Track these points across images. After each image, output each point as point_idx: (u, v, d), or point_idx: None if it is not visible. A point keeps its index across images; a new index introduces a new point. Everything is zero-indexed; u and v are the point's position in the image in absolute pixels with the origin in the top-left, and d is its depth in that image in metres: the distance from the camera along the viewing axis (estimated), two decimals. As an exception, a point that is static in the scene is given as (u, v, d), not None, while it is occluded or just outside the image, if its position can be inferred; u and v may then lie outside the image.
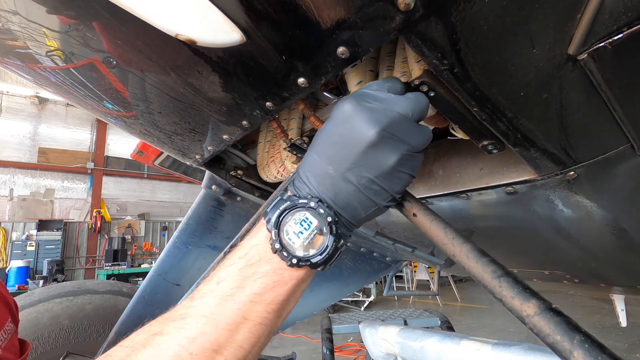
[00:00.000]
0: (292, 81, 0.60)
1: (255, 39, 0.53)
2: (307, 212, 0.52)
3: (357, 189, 0.51)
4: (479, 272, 0.42)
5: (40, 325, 1.79)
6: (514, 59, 0.48)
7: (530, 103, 0.54)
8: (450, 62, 0.48)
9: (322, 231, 0.52)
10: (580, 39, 0.45)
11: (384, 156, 0.50)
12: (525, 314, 0.37)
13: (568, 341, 0.33)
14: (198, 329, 0.49)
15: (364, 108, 0.50)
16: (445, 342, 1.32)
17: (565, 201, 0.80)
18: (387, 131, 0.49)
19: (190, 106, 0.83)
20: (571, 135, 0.61)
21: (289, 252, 0.51)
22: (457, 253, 0.45)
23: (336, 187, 0.52)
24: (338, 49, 0.50)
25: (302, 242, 0.51)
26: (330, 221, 0.51)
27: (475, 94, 0.52)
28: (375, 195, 0.52)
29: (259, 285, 0.51)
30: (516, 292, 0.38)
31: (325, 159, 0.52)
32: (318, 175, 0.53)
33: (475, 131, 0.63)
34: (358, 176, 0.51)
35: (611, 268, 1.25)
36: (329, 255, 0.52)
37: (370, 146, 0.49)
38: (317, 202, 0.52)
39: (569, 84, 0.52)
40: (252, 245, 0.54)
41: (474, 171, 0.87)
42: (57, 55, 0.75)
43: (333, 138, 0.52)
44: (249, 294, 0.51)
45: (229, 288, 0.51)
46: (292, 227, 0.52)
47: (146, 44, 0.63)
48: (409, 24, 0.43)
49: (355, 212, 0.53)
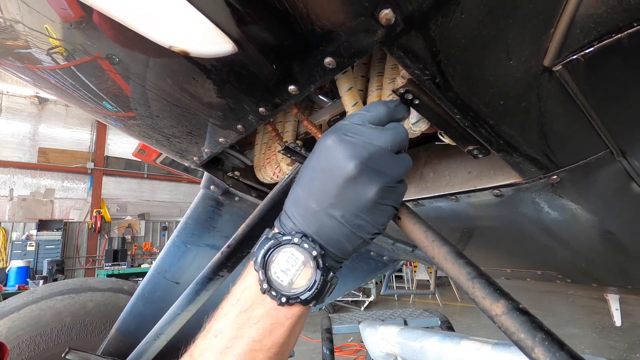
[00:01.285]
0: (283, 88, 0.63)
1: (247, 49, 0.55)
2: (292, 248, 0.52)
3: (341, 223, 0.51)
4: (455, 273, 0.44)
5: (43, 322, 1.82)
6: (492, 70, 0.50)
7: (510, 111, 0.57)
8: (432, 73, 0.50)
9: (310, 266, 0.51)
10: (555, 52, 0.47)
11: (365, 190, 0.50)
12: (494, 313, 0.39)
13: (530, 339, 0.35)
14: None
15: (343, 142, 0.51)
16: (445, 342, 1.33)
17: (550, 204, 0.82)
18: (366, 164, 0.50)
19: (187, 110, 0.85)
20: (552, 141, 0.63)
21: (278, 290, 0.51)
22: (436, 255, 0.47)
23: (320, 222, 0.52)
24: (325, 59, 0.53)
25: (290, 279, 0.51)
26: (315, 255, 0.51)
27: (457, 103, 0.54)
28: (359, 230, 0.52)
29: (256, 331, 0.51)
30: (487, 293, 0.40)
31: (309, 193, 0.52)
32: (302, 210, 0.53)
33: (460, 137, 0.66)
34: (341, 211, 0.51)
35: (601, 268, 1.27)
36: (317, 290, 0.51)
37: (350, 180, 0.50)
38: (301, 237, 0.51)
39: (546, 94, 0.54)
40: (243, 289, 0.54)
41: (463, 174, 0.89)
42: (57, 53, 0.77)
43: (315, 173, 0.53)
44: (248, 342, 0.50)
45: (227, 339, 0.50)
46: (278, 264, 0.52)
47: (143, 52, 0.65)
48: (390, 37, 0.46)
49: (342, 246, 0.53)
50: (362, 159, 0.50)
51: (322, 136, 0.54)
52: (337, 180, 0.50)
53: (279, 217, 0.57)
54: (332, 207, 0.51)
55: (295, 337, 0.55)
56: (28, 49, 0.76)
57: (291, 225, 0.54)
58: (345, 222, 0.51)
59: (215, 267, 1.20)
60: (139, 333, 1.45)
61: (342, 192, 0.50)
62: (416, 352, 1.45)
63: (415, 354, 1.45)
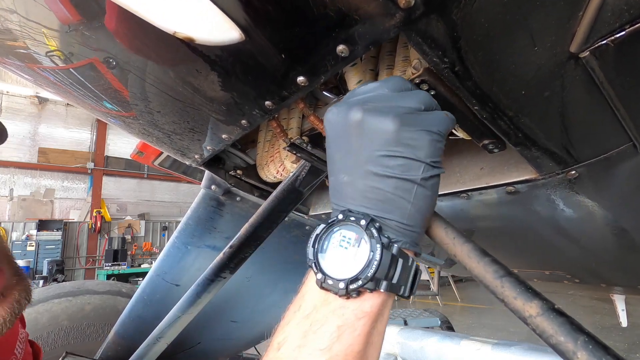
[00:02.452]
0: (292, 80, 0.60)
1: (254, 38, 0.52)
2: (340, 229, 0.44)
3: (380, 175, 0.42)
4: (480, 272, 0.41)
5: (40, 325, 1.79)
6: (515, 57, 0.48)
7: (532, 102, 0.54)
8: (451, 60, 0.47)
9: (365, 240, 0.43)
10: (582, 37, 0.44)
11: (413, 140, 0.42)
12: (527, 314, 0.36)
13: (572, 342, 0.33)
14: None
15: (371, 109, 0.44)
16: (445, 342, 1.32)
17: (566, 201, 0.79)
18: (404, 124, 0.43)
19: (189, 105, 0.82)
20: (572, 134, 0.60)
21: (334, 278, 0.42)
22: (458, 253, 0.44)
23: (357, 187, 0.44)
24: (337, 47, 0.50)
25: (346, 263, 0.43)
26: (364, 224, 0.42)
27: (476, 93, 0.52)
28: (405, 171, 0.42)
29: (322, 338, 0.41)
30: (518, 293, 0.37)
31: (339, 171, 0.46)
32: (337, 191, 0.46)
33: (476, 130, 0.63)
34: (373, 159, 0.42)
35: (612, 268, 1.25)
36: (378, 265, 0.41)
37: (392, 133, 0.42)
38: (346, 212, 0.44)
39: (571, 83, 0.51)
40: (304, 293, 0.46)
41: (474, 171, 0.86)
42: (57, 55, 0.75)
43: (343, 149, 0.46)
44: (312, 352, 0.41)
45: (291, 350, 0.42)
46: (331, 251, 0.44)
47: (144, 42, 0.62)
48: (409, 21, 0.43)
49: (397, 205, 0.43)
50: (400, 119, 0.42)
51: (339, 112, 0.47)
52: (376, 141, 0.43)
53: None
54: (365, 165, 0.43)
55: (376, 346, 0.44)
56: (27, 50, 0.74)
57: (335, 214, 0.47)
58: (385, 170, 0.42)
59: (217, 269, 1.18)
60: (138, 336, 1.42)
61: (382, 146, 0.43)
62: (416, 352, 1.44)
63: (415, 354, 1.45)
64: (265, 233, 1.18)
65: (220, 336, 1.98)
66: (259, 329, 2.25)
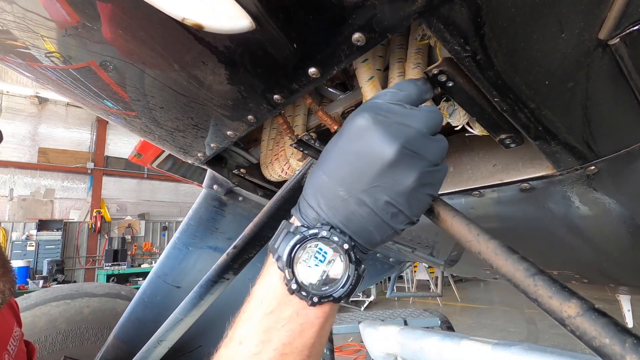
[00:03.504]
0: (303, 72, 0.58)
1: (265, 26, 0.50)
2: (320, 243, 0.47)
3: (373, 211, 0.46)
4: (509, 270, 0.39)
5: (37, 328, 1.77)
6: (540, 44, 0.45)
7: (555, 93, 0.52)
8: (473, 49, 0.45)
9: (341, 260, 0.47)
10: (613, 22, 0.42)
11: (403, 175, 0.45)
12: (566, 314, 0.34)
13: (619, 344, 0.30)
14: None
15: (378, 123, 0.46)
16: (445, 342, 1.32)
17: (582, 198, 0.77)
18: (406, 148, 0.45)
19: (194, 100, 0.80)
20: (595, 127, 0.58)
21: (308, 291, 0.46)
22: (483, 250, 0.42)
23: (348, 210, 0.47)
24: (353, 35, 0.48)
25: (320, 277, 0.47)
26: (347, 248, 0.47)
27: (497, 83, 0.49)
28: (393, 219, 0.47)
29: (286, 334, 0.46)
30: (554, 292, 0.35)
31: (336, 179, 0.47)
32: (328, 198, 0.48)
33: (494, 124, 0.61)
34: (374, 198, 0.46)
35: (623, 267, 1.23)
36: (352, 285, 0.47)
37: (389, 165, 0.45)
38: (329, 229, 0.47)
39: (597, 72, 0.49)
40: (267, 289, 0.49)
41: (487, 167, 0.84)
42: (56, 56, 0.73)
43: (346, 157, 0.47)
44: (277, 347, 0.46)
45: (254, 345, 0.46)
46: (306, 262, 0.47)
47: (150, 33, 0.60)
48: (431, 6, 0.41)
49: (371, 237, 0.48)
50: (402, 142, 0.45)
51: (352, 115, 0.49)
52: (373, 164, 0.45)
53: (298, 207, 0.52)
54: (364, 194, 0.46)
55: (327, 336, 0.50)
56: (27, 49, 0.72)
57: (314, 216, 0.49)
58: (378, 211, 0.46)
59: (220, 270, 1.15)
60: (139, 340, 1.40)
61: (377, 178, 0.45)
62: (416, 352, 1.43)
63: (415, 354, 1.44)
64: (270, 233, 1.16)
65: (220, 337, 1.96)
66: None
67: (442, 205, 0.50)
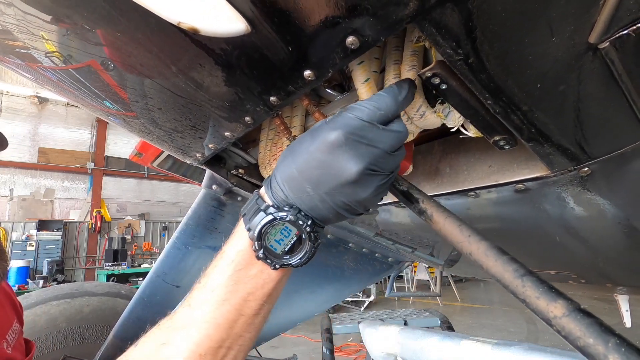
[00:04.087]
0: (299, 74, 0.58)
1: (261, 29, 0.51)
2: (287, 224, 0.56)
3: (333, 208, 0.55)
4: (498, 271, 0.39)
5: (38, 327, 1.77)
6: (531, 48, 0.46)
7: (547, 95, 0.52)
8: (465, 52, 0.45)
9: (302, 238, 0.57)
10: (603, 26, 0.42)
11: (362, 189, 0.54)
12: (552, 315, 0.34)
13: (602, 345, 0.31)
14: (202, 333, 0.56)
15: (349, 143, 0.52)
16: (445, 342, 1.32)
17: (577, 199, 0.78)
18: (369, 168, 0.52)
19: (192, 102, 0.81)
20: (587, 129, 0.59)
21: (272, 259, 0.57)
22: (474, 251, 0.43)
23: (313, 203, 0.55)
24: (347, 38, 0.48)
25: (283, 249, 0.57)
26: (309, 230, 0.56)
27: (489, 86, 0.50)
28: (348, 213, 0.57)
29: (250, 286, 0.58)
30: (541, 292, 0.35)
31: (305, 177, 0.55)
32: (295, 189, 0.56)
33: (488, 126, 0.61)
34: (335, 199, 0.54)
35: (620, 268, 1.23)
36: (308, 257, 0.58)
37: (350, 182, 0.52)
38: (296, 214, 0.55)
39: (588, 75, 0.49)
40: (237, 251, 0.60)
41: (482, 168, 0.85)
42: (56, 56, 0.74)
43: (315, 163, 0.54)
44: (242, 295, 0.58)
45: (224, 294, 0.58)
46: (273, 236, 0.57)
47: (146, 35, 0.61)
48: (423, 10, 0.41)
49: (328, 220, 0.58)
50: (366, 164, 0.52)
51: (327, 127, 0.54)
52: (338, 178, 0.53)
53: (269, 184, 0.60)
54: (327, 195, 0.54)
55: (282, 286, 0.63)
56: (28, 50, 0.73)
57: (283, 197, 0.57)
58: (337, 208, 0.55)
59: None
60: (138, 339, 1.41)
61: (340, 187, 0.53)
62: (416, 352, 1.44)
63: (415, 354, 1.44)
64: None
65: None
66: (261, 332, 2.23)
67: (435, 207, 0.50)
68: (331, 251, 2.00)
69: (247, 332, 0.59)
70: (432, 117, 0.69)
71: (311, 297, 2.20)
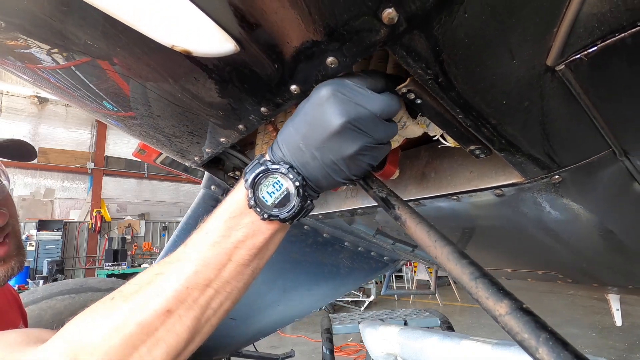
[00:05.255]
0: (285, 88, 0.63)
1: (249, 49, 0.55)
2: (279, 176, 0.60)
3: (321, 165, 0.58)
4: (458, 273, 0.44)
5: (43, 322, 1.82)
6: (495, 69, 0.50)
7: (513, 111, 0.57)
8: (435, 72, 0.50)
9: (291, 192, 0.60)
10: (558, 51, 0.47)
11: (346, 145, 0.56)
12: (497, 313, 0.39)
13: (534, 339, 0.35)
14: (192, 269, 0.59)
15: (336, 97, 0.55)
16: (445, 342, 1.33)
17: (552, 204, 0.82)
18: (352, 124, 0.54)
19: (188, 110, 0.85)
20: (554, 141, 0.63)
21: (262, 208, 0.60)
22: (438, 255, 0.47)
23: (304, 159, 0.58)
24: (327, 58, 0.53)
25: (274, 201, 0.60)
26: (298, 185, 0.59)
27: (459, 102, 0.54)
28: (335, 173, 0.59)
29: (241, 234, 0.61)
30: (491, 293, 0.40)
31: (299, 134, 0.58)
32: (291, 147, 0.59)
33: (462, 136, 0.65)
34: (322, 156, 0.57)
35: (602, 268, 1.27)
36: (295, 213, 0.61)
37: (334, 134, 0.55)
38: (288, 168, 0.59)
39: (549, 93, 0.54)
40: (235, 200, 0.63)
41: (464, 174, 0.89)
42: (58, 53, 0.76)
43: (307, 117, 0.58)
44: (233, 241, 0.61)
45: (216, 237, 0.61)
46: (265, 187, 0.60)
47: (144, 52, 0.65)
48: (393, 36, 0.46)
49: (319, 182, 0.60)
50: (349, 118, 0.54)
51: (320, 85, 0.57)
52: (323, 131, 0.55)
53: (272, 145, 0.63)
54: (316, 151, 0.57)
55: (274, 245, 0.66)
56: (28, 49, 0.76)
57: (280, 155, 0.60)
58: (325, 166, 0.58)
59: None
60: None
61: (326, 141, 0.56)
62: (416, 352, 1.45)
63: (415, 354, 1.45)
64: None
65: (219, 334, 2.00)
66: (258, 327, 2.27)
67: (408, 213, 0.55)
68: (327, 249, 2.04)
69: (235, 280, 0.62)
70: (413, 127, 0.74)
71: (308, 294, 2.23)
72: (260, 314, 2.11)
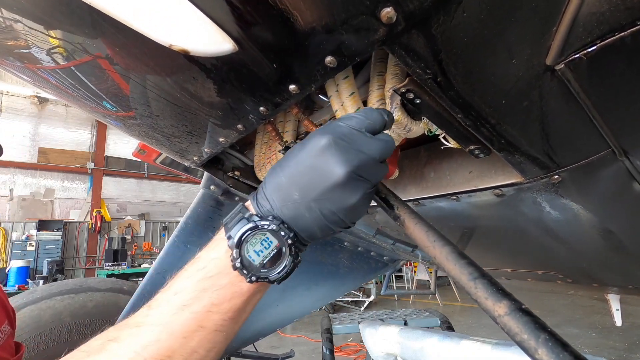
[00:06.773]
0: (284, 88, 0.62)
1: (247, 48, 0.55)
2: (268, 234, 0.54)
3: (319, 217, 0.54)
4: (457, 274, 0.44)
5: (42, 322, 1.83)
6: (494, 69, 0.50)
7: (512, 110, 0.56)
8: (433, 72, 0.50)
9: (282, 251, 0.55)
10: (557, 50, 0.47)
11: (348, 194, 0.53)
12: (497, 314, 0.39)
13: (534, 339, 0.35)
14: (153, 337, 0.51)
15: (338, 146, 0.52)
16: (445, 342, 1.33)
17: (552, 204, 0.82)
18: (355, 172, 0.52)
19: (187, 110, 0.85)
20: (553, 141, 0.63)
21: (249, 270, 0.54)
22: (437, 255, 0.47)
23: (299, 212, 0.54)
24: (326, 58, 0.52)
25: (262, 261, 0.54)
26: (290, 243, 0.54)
27: (458, 102, 0.54)
28: (334, 224, 0.55)
29: (217, 296, 0.54)
30: (490, 293, 0.40)
31: (293, 184, 0.54)
32: (283, 198, 0.55)
33: (462, 136, 0.65)
34: (321, 207, 0.53)
35: (601, 268, 1.27)
36: (287, 273, 0.55)
37: (338, 185, 0.52)
38: (279, 224, 0.54)
39: (548, 93, 0.54)
40: (212, 258, 0.56)
41: (463, 174, 0.89)
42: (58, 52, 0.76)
43: (304, 167, 0.54)
44: (206, 304, 0.53)
45: (186, 299, 0.53)
46: (252, 246, 0.54)
47: (143, 51, 0.65)
48: (391, 36, 0.45)
49: (313, 234, 0.56)
50: (353, 167, 0.52)
51: (318, 133, 0.55)
52: (326, 181, 0.52)
53: (256, 196, 0.58)
54: (314, 203, 0.53)
55: (252, 307, 0.58)
56: (28, 49, 0.76)
57: (268, 208, 0.56)
58: (324, 217, 0.54)
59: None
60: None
61: (326, 192, 0.53)
62: (416, 352, 1.45)
63: (415, 354, 1.45)
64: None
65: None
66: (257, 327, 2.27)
67: (407, 214, 0.54)
68: (326, 249, 2.04)
69: (203, 350, 0.53)
70: (417, 129, 0.73)
71: (307, 293, 2.23)
72: (260, 314, 2.11)
